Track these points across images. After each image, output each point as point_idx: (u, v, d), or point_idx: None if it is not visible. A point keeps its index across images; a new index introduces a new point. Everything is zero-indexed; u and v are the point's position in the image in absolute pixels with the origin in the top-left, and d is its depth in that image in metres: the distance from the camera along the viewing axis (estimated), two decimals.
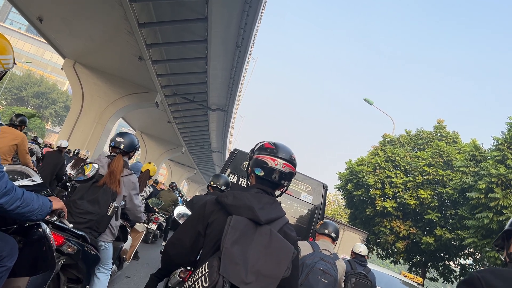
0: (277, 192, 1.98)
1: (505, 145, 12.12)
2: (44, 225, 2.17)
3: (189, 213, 2.96)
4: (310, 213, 6.31)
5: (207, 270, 1.64)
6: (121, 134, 3.59)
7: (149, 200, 5.16)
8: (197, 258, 1.95)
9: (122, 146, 3.46)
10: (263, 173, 1.91)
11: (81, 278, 3.04)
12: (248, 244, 1.69)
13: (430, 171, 14.93)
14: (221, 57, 16.96)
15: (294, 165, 1.95)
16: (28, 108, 52.83)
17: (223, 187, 4.28)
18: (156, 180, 17.82)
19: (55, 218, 2.36)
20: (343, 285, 4.40)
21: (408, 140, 17.80)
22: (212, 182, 4.35)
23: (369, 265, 6.82)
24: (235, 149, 6.55)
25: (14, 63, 1.91)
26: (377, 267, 11.00)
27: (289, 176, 1.94)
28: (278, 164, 1.89)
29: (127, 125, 38.20)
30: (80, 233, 2.93)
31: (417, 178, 15.26)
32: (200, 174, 54.10)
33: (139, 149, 3.76)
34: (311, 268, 3.56)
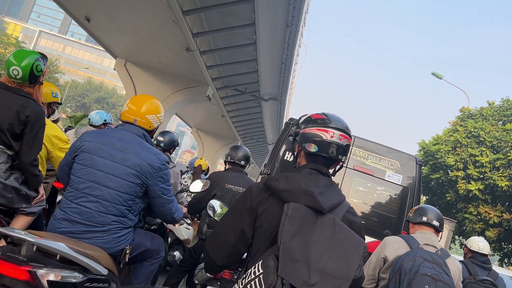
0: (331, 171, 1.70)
1: None
2: (165, 224, 3.26)
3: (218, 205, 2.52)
4: (400, 198, 4.77)
5: (261, 270, 1.39)
6: (162, 133, 4.17)
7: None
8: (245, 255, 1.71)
9: (162, 144, 4.09)
10: (316, 149, 1.63)
11: None
12: (309, 237, 1.42)
13: None
14: (270, 40, 16.00)
15: (350, 136, 1.68)
16: None
17: (242, 162, 3.92)
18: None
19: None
20: None
21: (492, 112, 15.44)
22: (229, 157, 3.92)
23: (452, 256, 5.13)
24: (290, 119, 5.10)
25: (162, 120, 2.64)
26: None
27: (347, 149, 1.66)
28: (334, 136, 1.62)
29: (184, 124, 38.67)
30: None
31: (508, 154, 13.12)
32: (258, 168, 53.82)
33: (179, 145, 4.34)
34: (415, 275, 2.46)
